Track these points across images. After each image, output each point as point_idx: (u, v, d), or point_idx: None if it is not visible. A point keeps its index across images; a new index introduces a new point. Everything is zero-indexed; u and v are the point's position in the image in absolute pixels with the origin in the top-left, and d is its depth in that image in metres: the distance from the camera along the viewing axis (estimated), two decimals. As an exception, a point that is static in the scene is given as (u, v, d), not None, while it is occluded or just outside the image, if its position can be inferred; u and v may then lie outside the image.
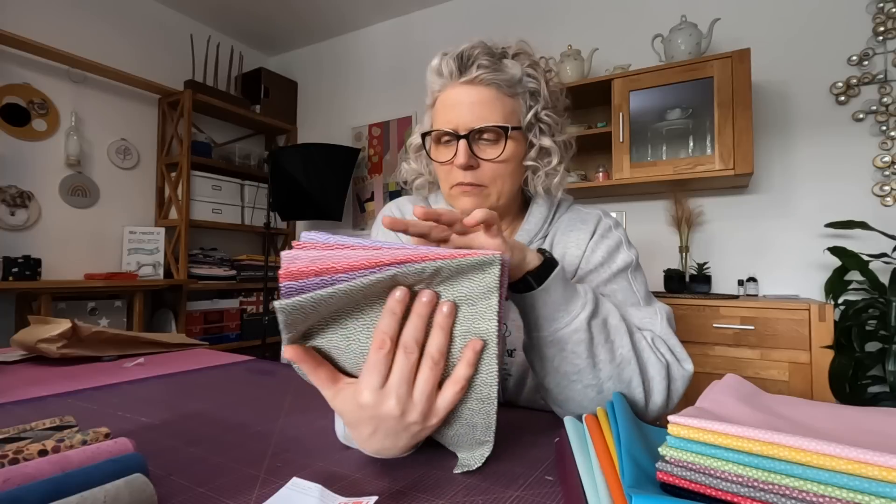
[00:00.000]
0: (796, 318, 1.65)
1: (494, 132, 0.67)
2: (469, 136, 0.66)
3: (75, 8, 2.59)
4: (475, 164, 0.68)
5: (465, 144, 0.66)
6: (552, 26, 2.61)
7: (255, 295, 3.22)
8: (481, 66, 0.65)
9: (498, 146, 0.67)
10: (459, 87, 0.67)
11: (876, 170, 1.93)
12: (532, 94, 0.70)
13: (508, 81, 0.67)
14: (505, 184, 0.70)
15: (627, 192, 2.28)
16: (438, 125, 0.69)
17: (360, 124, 3.26)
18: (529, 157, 0.72)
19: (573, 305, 0.55)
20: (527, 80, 0.69)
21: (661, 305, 0.70)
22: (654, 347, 0.61)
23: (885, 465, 0.27)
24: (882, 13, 1.92)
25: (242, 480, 0.45)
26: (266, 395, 0.77)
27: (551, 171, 0.73)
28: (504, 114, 0.67)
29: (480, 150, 0.68)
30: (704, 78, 1.93)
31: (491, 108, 0.66)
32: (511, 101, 0.68)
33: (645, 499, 0.31)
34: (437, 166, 0.72)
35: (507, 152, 0.68)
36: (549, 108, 0.71)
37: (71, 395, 0.77)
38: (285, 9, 3.05)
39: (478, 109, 0.66)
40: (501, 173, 0.69)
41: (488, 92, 0.66)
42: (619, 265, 0.71)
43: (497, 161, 0.68)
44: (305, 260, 0.39)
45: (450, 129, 0.67)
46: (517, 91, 0.68)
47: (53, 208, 2.47)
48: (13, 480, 0.35)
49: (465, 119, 0.66)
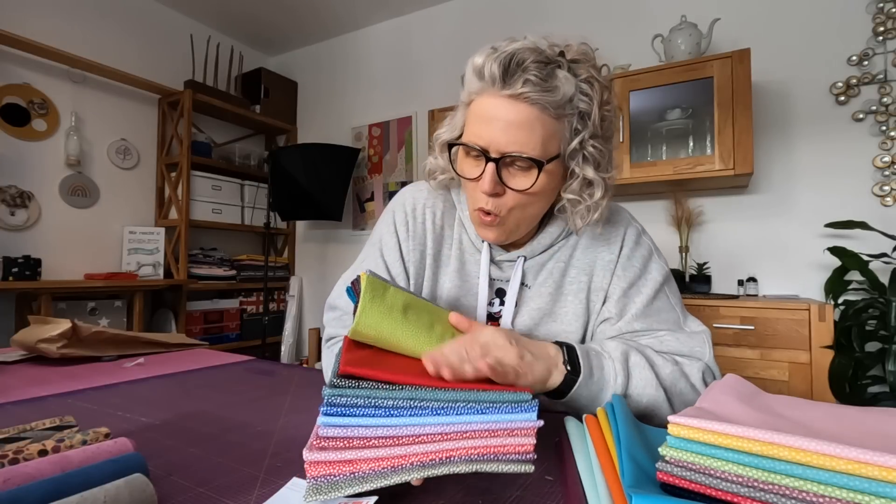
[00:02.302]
0: (796, 318, 1.65)
1: (528, 161, 0.59)
2: (499, 160, 0.60)
3: (75, 8, 2.59)
4: (501, 192, 0.62)
5: (492, 169, 0.60)
6: (552, 26, 2.61)
7: (255, 295, 3.22)
8: (528, 80, 0.56)
9: (529, 176, 0.60)
10: (500, 98, 0.58)
11: (876, 170, 1.93)
12: (581, 117, 0.61)
13: (556, 103, 0.58)
14: (528, 213, 0.65)
15: (627, 192, 2.28)
16: (469, 136, 0.62)
17: (360, 124, 3.26)
18: (571, 188, 0.64)
19: (604, 395, 0.59)
20: (579, 98, 0.60)
21: (702, 326, 0.70)
22: (699, 383, 0.64)
23: (885, 465, 0.27)
24: (882, 13, 1.92)
25: (242, 480, 0.45)
26: (266, 395, 0.77)
27: (593, 206, 0.65)
28: (544, 139, 0.59)
29: (510, 176, 0.61)
30: (704, 78, 1.93)
31: (529, 133, 0.58)
32: (555, 123, 0.59)
33: (645, 499, 0.31)
34: (463, 179, 0.66)
35: (539, 185, 0.60)
36: (599, 136, 0.63)
37: (71, 395, 0.77)
38: (285, 9, 3.05)
39: (514, 133, 0.58)
40: (526, 204, 0.63)
41: (530, 112, 0.58)
42: (657, 278, 0.70)
43: (526, 192, 0.61)
44: (332, 457, 0.39)
45: (480, 145, 0.60)
46: (565, 113, 0.60)
47: (53, 208, 2.47)
48: (13, 480, 0.35)
49: (499, 141, 0.59)
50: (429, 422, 0.40)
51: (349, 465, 0.39)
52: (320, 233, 3.44)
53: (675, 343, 0.66)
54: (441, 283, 0.75)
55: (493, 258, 0.73)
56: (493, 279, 0.73)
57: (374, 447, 0.39)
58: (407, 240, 0.76)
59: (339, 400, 0.41)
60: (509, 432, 0.40)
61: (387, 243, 0.77)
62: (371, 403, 0.41)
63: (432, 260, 0.75)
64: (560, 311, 0.71)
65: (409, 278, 0.75)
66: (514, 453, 0.39)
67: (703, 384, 0.63)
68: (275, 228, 3.31)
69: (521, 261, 0.71)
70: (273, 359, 3.22)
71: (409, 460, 0.39)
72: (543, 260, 0.72)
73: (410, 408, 0.41)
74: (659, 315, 0.68)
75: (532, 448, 0.39)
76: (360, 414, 0.41)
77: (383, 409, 0.41)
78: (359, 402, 0.41)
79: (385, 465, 0.39)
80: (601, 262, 0.71)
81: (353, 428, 0.40)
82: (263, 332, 3.02)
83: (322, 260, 3.42)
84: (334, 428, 0.40)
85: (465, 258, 0.75)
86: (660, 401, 0.60)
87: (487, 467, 0.38)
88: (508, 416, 0.41)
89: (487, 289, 0.71)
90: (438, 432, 0.40)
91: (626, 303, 0.69)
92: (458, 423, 0.40)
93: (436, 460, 0.38)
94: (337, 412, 0.41)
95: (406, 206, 0.78)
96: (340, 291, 0.78)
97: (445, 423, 0.40)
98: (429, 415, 0.41)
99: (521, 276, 0.71)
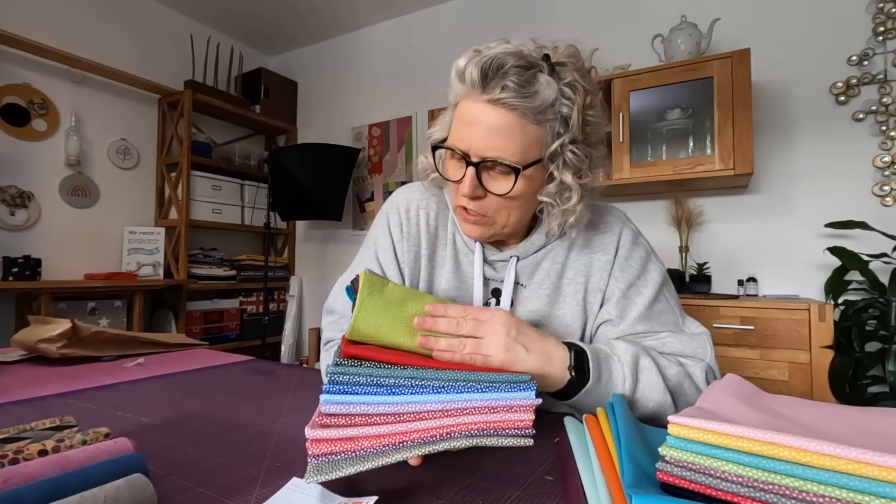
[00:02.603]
0: (796, 318, 1.65)
1: (507, 166, 0.60)
2: (479, 164, 0.61)
3: (75, 8, 2.59)
4: (481, 195, 0.63)
5: (472, 173, 0.61)
6: (552, 27, 2.61)
7: (255, 295, 3.22)
8: (507, 87, 0.56)
9: (508, 180, 0.61)
10: (480, 103, 0.59)
11: (876, 170, 1.93)
12: (563, 121, 0.61)
13: (536, 109, 0.58)
14: (511, 216, 0.65)
15: (627, 192, 2.28)
16: (452, 139, 0.63)
17: (360, 124, 3.26)
18: (547, 191, 0.64)
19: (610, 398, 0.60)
20: (561, 103, 0.60)
21: (702, 328, 0.70)
22: (703, 384, 0.64)
23: (885, 465, 0.27)
24: (882, 13, 1.92)
25: (242, 480, 0.45)
26: (266, 395, 0.77)
27: (569, 210, 0.65)
28: (524, 144, 0.59)
29: (490, 180, 0.62)
30: (704, 78, 1.93)
31: (509, 138, 0.58)
32: (535, 128, 0.59)
33: (645, 499, 0.31)
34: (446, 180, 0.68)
35: (517, 189, 0.61)
36: (580, 141, 0.62)
37: (71, 395, 0.77)
38: (285, 9, 3.05)
39: (494, 138, 0.59)
40: (508, 206, 0.64)
41: (510, 117, 0.58)
42: (656, 279, 0.71)
43: (505, 197, 0.62)
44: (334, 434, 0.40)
45: (462, 149, 0.61)
46: (546, 118, 0.60)
47: (53, 208, 2.47)
48: (13, 480, 0.35)
49: (479, 145, 0.59)
50: (430, 399, 0.41)
51: (351, 443, 0.39)
52: (320, 233, 3.44)
53: (678, 344, 0.66)
54: (437, 284, 0.76)
55: (487, 258, 0.73)
56: (488, 279, 0.73)
57: (376, 424, 0.40)
58: (401, 241, 0.76)
59: (342, 378, 0.41)
60: (508, 408, 0.41)
61: (381, 245, 0.77)
62: (373, 382, 0.42)
63: (427, 261, 0.76)
64: (558, 314, 0.71)
65: (404, 280, 0.76)
66: (513, 428, 0.40)
67: (706, 385, 0.64)
68: (275, 228, 3.31)
69: (513, 261, 0.71)
70: (273, 359, 3.22)
71: (410, 437, 0.39)
72: (537, 259, 0.72)
73: (412, 386, 0.42)
74: (660, 317, 0.69)
75: (531, 423, 0.40)
76: (363, 392, 0.41)
77: (385, 388, 0.42)
78: (361, 381, 0.42)
79: (387, 442, 0.39)
80: (598, 264, 0.71)
81: (356, 405, 0.41)
82: (263, 332, 3.02)
83: (322, 260, 3.43)
84: (337, 405, 0.41)
85: (460, 259, 0.75)
86: (666, 405, 0.60)
87: (488, 441, 0.39)
88: (507, 394, 0.42)
89: (483, 287, 0.72)
90: (440, 409, 0.41)
91: (626, 304, 0.69)
92: (459, 401, 0.41)
93: (436, 436, 0.39)
94: (339, 390, 0.41)
95: (400, 207, 0.78)
96: (337, 295, 0.78)
97: (446, 400, 0.41)
98: (430, 393, 0.42)
99: (515, 276, 0.72)
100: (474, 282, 0.72)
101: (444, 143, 0.66)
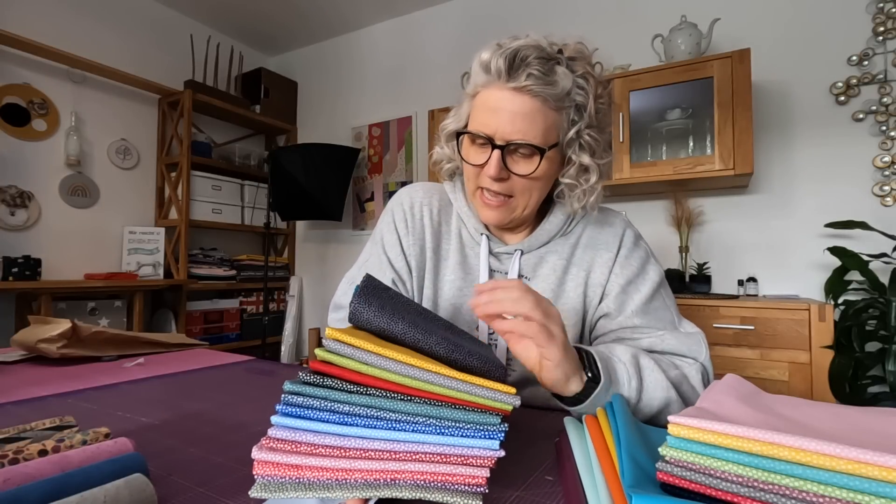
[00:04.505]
0: (796, 318, 1.65)
1: (531, 148, 0.64)
2: (504, 147, 0.64)
3: (75, 8, 2.59)
4: (506, 177, 0.67)
5: (498, 156, 0.64)
6: (552, 26, 2.60)
7: (254, 295, 3.22)
8: (531, 75, 0.61)
9: (532, 162, 0.65)
10: (505, 90, 0.63)
11: (876, 170, 1.93)
12: (578, 109, 0.66)
13: (556, 96, 0.63)
14: (532, 197, 0.69)
15: (627, 192, 2.28)
16: (475, 125, 0.67)
17: (360, 124, 3.26)
18: (568, 174, 0.69)
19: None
20: (576, 92, 0.65)
21: (696, 328, 0.72)
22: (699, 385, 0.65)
23: (885, 465, 0.27)
24: (882, 13, 1.92)
25: (242, 480, 0.45)
26: (266, 395, 0.77)
27: (589, 189, 0.70)
28: (545, 128, 0.64)
29: (514, 163, 0.66)
30: (704, 78, 1.93)
31: (532, 122, 0.63)
32: (554, 114, 0.64)
33: (645, 499, 0.31)
34: (466, 165, 0.70)
35: (541, 170, 0.66)
36: (594, 126, 0.68)
37: (71, 395, 0.77)
38: (285, 9, 3.05)
39: (519, 122, 0.63)
40: (531, 187, 0.68)
41: (533, 103, 0.63)
42: (654, 279, 0.73)
43: (529, 177, 0.66)
44: (279, 458, 0.38)
45: (487, 133, 0.65)
46: (563, 105, 0.65)
47: (53, 208, 2.47)
48: (13, 480, 0.35)
49: (505, 129, 0.63)
50: (380, 436, 0.39)
51: (294, 470, 0.38)
52: (320, 233, 3.44)
53: (675, 342, 0.68)
54: (443, 276, 0.78)
55: (492, 250, 0.76)
56: (493, 270, 0.76)
57: (320, 455, 0.38)
58: (407, 235, 0.79)
59: (295, 400, 0.40)
60: (463, 459, 0.38)
61: (388, 241, 0.80)
62: (326, 407, 0.39)
63: (432, 253, 0.79)
64: (561, 308, 0.73)
65: (411, 272, 0.78)
66: (463, 484, 0.37)
67: (701, 386, 0.65)
68: (275, 228, 3.31)
69: (517, 254, 0.75)
70: (273, 359, 3.22)
71: (353, 475, 0.37)
72: (542, 254, 0.75)
73: (365, 416, 0.39)
74: (657, 313, 0.71)
75: (484, 481, 0.37)
76: (313, 417, 0.39)
77: (337, 415, 0.39)
78: (314, 405, 0.40)
79: (329, 477, 0.37)
80: (600, 260, 0.74)
81: (302, 433, 0.39)
82: (263, 332, 3.02)
83: (322, 260, 3.43)
84: (284, 430, 0.39)
85: (466, 251, 0.78)
86: (671, 401, 0.61)
87: (432, 496, 0.36)
88: (468, 440, 0.38)
89: (488, 278, 0.74)
90: (388, 449, 0.38)
91: (624, 299, 0.72)
92: (411, 442, 0.39)
93: (380, 480, 0.37)
94: (290, 412, 0.40)
95: (404, 204, 0.82)
96: (345, 290, 0.81)
97: (397, 439, 0.39)
98: (382, 428, 0.39)
99: (519, 269, 0.74)
100: (480, 272, 0.75)
101: (466, 130, 0.69)
